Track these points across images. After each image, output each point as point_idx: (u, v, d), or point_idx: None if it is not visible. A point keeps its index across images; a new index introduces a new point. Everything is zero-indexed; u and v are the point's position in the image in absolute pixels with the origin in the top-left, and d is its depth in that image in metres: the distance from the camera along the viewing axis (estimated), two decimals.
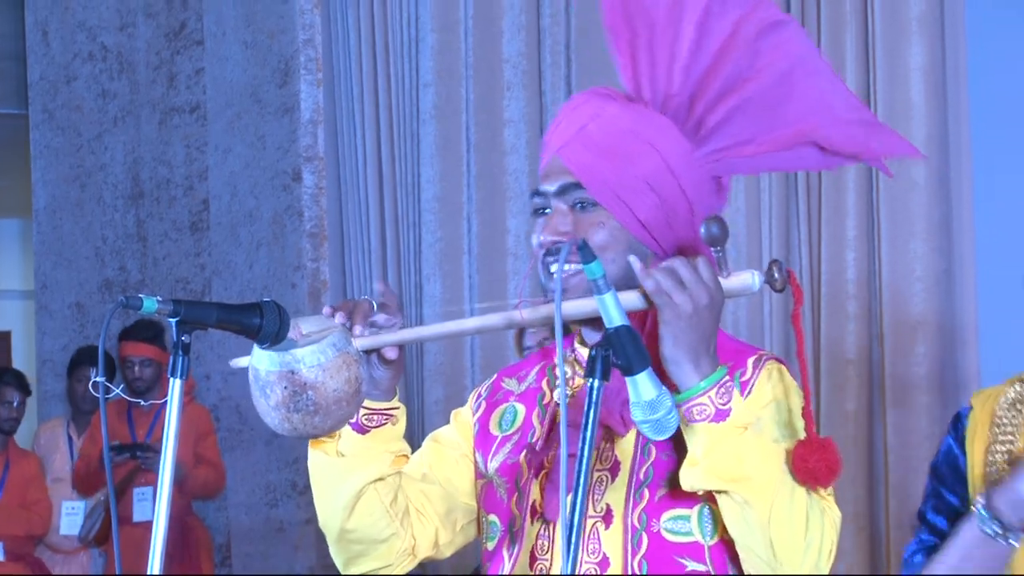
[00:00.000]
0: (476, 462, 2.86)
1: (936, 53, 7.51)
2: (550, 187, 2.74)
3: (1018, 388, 2.66)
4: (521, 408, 2.84)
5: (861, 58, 7.61)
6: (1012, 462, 2.54)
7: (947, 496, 2.63)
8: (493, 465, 2.81)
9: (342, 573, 2.90)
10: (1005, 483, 2.44)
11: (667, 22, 2.70)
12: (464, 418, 2.92)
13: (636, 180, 2.65)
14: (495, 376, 2.96)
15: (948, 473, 2.65)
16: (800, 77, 2.69)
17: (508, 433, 2.83)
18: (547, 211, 2.76)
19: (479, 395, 2.94)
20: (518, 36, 8.52)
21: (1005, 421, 2.61)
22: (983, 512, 2.45)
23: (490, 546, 2.79)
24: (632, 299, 2.48)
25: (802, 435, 2.57)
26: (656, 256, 2.67)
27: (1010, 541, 2.43)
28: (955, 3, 7.57)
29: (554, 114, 8.39)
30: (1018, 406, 2.63)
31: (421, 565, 2.99)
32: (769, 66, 2.69)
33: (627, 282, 2.53)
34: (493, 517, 2.79)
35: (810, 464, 2.50)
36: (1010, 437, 2.58)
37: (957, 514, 2.59)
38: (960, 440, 2.66)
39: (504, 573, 2.74)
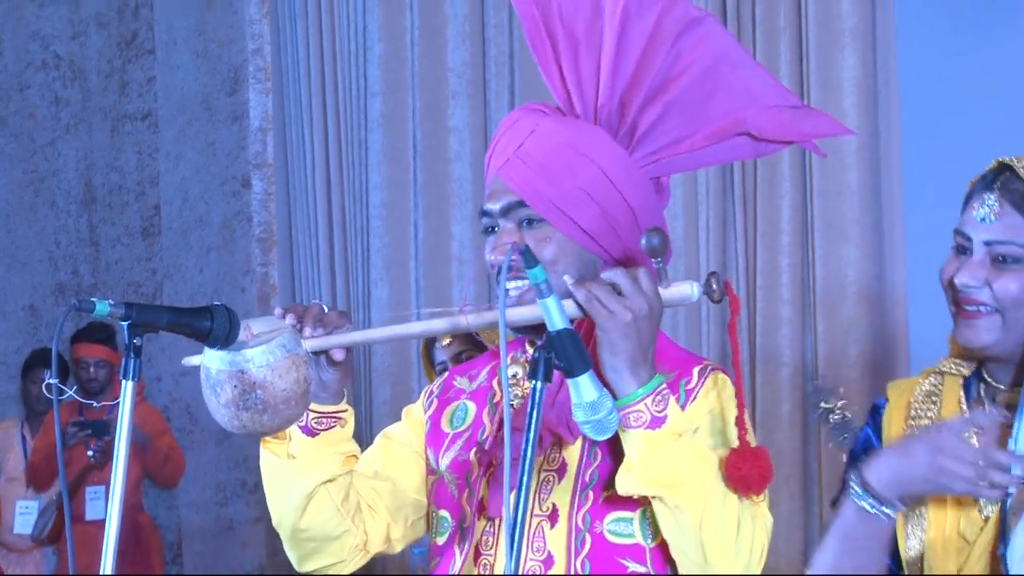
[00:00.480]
0: (427, 458, 2.86)
1: (868, 63, 7.54)
2: (495, 207, 2.74)
3: (932, 380, 2.67)
4: (472, 406, 2.85)
5: (795, 67, 7.64)
6: None
7: None
8: (444, 462, 2.81)
9: (296, 569, 2.90)
10: (874, 458, 2.46)
11: (588, 33, 2.70)
12: (416, 415, 2.92)
13: (576, 192, 2.65)
14: (447, 374, 2.95)
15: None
16: (724, 70, 2.70)
17: (459, 430, 2.83)
18: (495, 229, 2.74)
19: (431, 392, 2.94)
20: (463, 46, 8.54)
21: (920, 412, 2.63)
22: (858, 489, 2.44)
23: (440, 541, 2.80)
24: (573, 308, 2.48)
25: (736, 444, 2.58)
26: (605, 263, 2.67)
27: (886, 513, 2.42)
28: (887, 15, 7.61)
29: (498, 122, 8.41)
30: (932, 398, 2.64)
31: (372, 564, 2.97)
32: (692, 64, 2.69)
33: (564, 290, 2.52)
34: (444, 512, 2.79)
35: (743, 472, 2.52)
36: (925, 425, 2.58)
37: None
38: (877, 430, 2.67)
39: (455, 567, 2.74)
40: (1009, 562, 2.43)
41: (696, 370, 2.70)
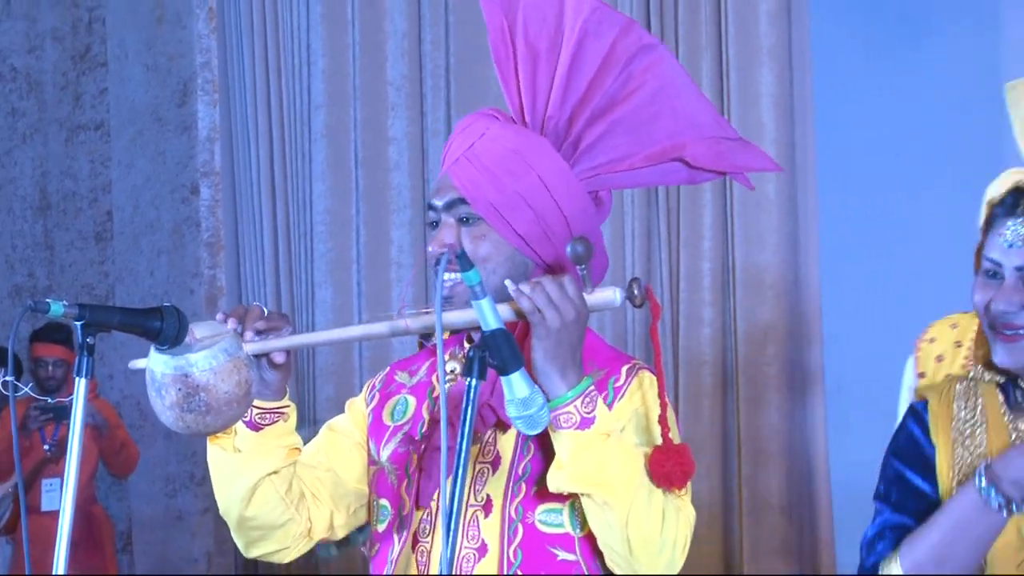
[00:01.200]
0: (369, 449, 2.86)
1: (785, 80, 7.57)
2: (439, 202, 2.75)
3: (964, 385, 2.66)
4: (412, 400, 2.85)
5: (716, 83, 7.66)
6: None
7: (912, 479, 2.61)
8: (385, 453, 2.81)
9: (244, 555, 2.90)
10: (1006, 455, 2.44)
11: (548, 48, 2.71)
12: (358, 408, 2.93)
13: (514, 196, 2.66)
14: (388, 369, 2.96)
15: (916, 461, 2.62)
16: (669, 97, 2.72)
17: (399, 423, 2.83)
18: (437, 224, 2.75)
19: (373, 387, 2.95)
20: (401, 61, 8.52)
21: (964, 419, 2.61)
22: (982, 480, 2.42)
23: (380, 528, 2.80)
24: (507, 312, 2.49)
25: (659, 441, 2.59)
26: (537, 267, 2.69)
27: (1008, 510, 2.42)
28: (802, 35, 7.64)
29: (434, 133, 8.43)
30: (973, 400, 2.62)
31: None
32: (640, 87, 2.70)
33: (500, 293, 2.54)
34: (384, 501, 2.80)
35: (666, 468, 2.53)
36: (975, 440, 2.57)
37: (923, 498, 2.58)
38: (925, 429, 2.64)
39: (394, 553, 2.75)
40: None
41: (624, 369, 2.71)
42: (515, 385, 2.40)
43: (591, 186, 2.74)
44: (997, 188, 2.61)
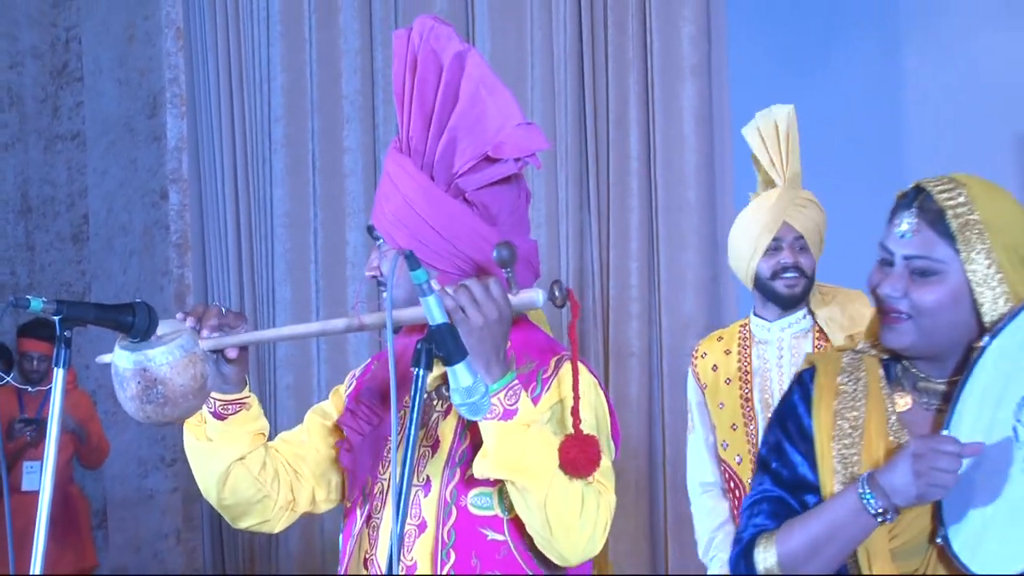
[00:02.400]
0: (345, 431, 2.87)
1: (705, 96, 7.59)
2: (368, 225, 2.83)
3: (850, 357, 2.65)
4: None
5: (642, 99, 7.68)
6: (888, 453, 2.52)
7: (788, 450, 2.60)
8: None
9: (233, 527, 2.91)
10: (883, 470, 2.42)
11: (408, 79, 2.72)
12: (340, 394, 2.95)
13: (392, 217, 2.71)
14: (369, 360, 2.96)
15: (794, 431, 2.61)
16: (482, 97, 2.70)
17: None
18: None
19: (353, 375, 2.96)
20: (355, 77, 8.51)
21: (846, 392, 2.60)
22: (865, 488, 2.41)
23: (349, 504, 2.81)
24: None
25: (572, 430, 2.59)
26: (443, 273, 2.69)
27: (881, 518, 2.41)
28: (720, 54, 7.67)
29: (385, 144, 8.40)
30: (856, 373, 2.62)
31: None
32: (460, 93, 2.70)
33: (412, 300, 2.54)
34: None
35: (572, 456, 2.53)
36: (854, 413, 2.56)
37: (794, 470, 2.57)
38: (807, 398, 2.62)
39: (356, 527, 2.77)
40: (952, 541, 2.42)
41: (553, 361, 2.71)
42: (459, 375, 2.40)
43: (455, 193, 2.72)
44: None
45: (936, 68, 8.47)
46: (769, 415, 4.10)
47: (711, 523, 4.33)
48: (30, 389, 7.37)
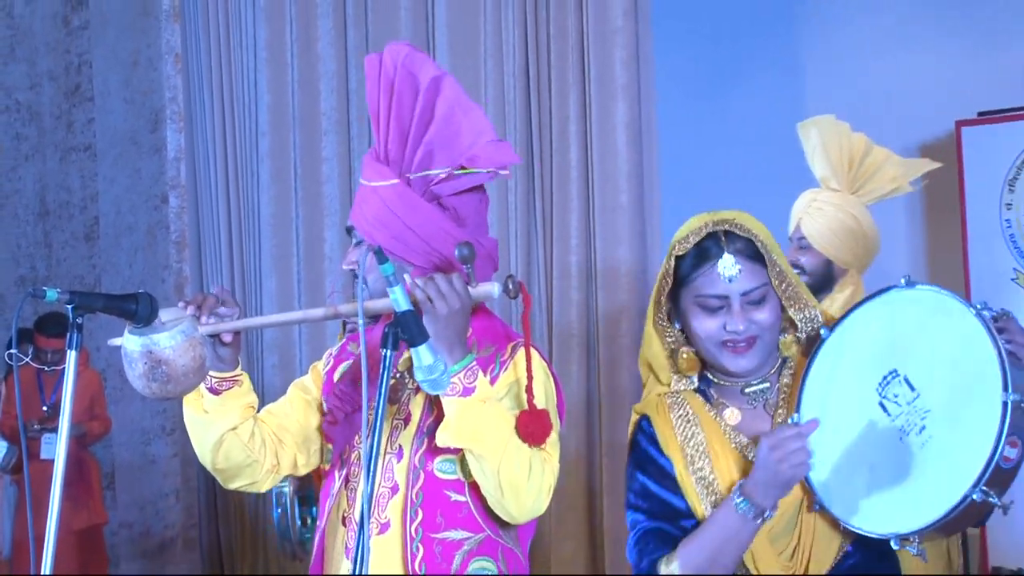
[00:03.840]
0: (322, 404, 2.86)
1: (635, 112, 7.61)
2: (347, 225, 2.82)
3: (672, 399, 2.63)
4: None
5: (581, 116, 7.69)
6: (742, 468, 2.53)
7: (656, 490, 2.57)
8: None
9: (224, 487, 2.91)
10: (750, 476, 2.42)
11: (385, 96, 2.71)
12: (318, 371, 2.95)
13: (372, 219, 2.70)
14: (344, 340, 2.96)
15: (654, 471, 2.59)
16: (457, 115, 2.70)
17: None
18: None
19: (330, 354, 2.95)
20: (332, 96, 8.52)
21: (682, 427, 2.59)
22: (738, 498, 2.42)
23: (326, 467, 2.82)
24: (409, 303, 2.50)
25: (527, 406, 2.61)
26: (416, 267, 2.69)
27: (759, 520, 2.42)
28: (648, 75, 7.68)
29: (359, 154, 8.41)
30: (687, 415, 2.60)
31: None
32: (436, 112, 2.69)
33: (385, 291, 2.53)
34: (330, 446, 2.81)
35: (529, 428, 2.56)
36: (696, 440, 2.56)
37: (667, 504, 2.56)
38: (656, 443, 2.60)
39: (335, 488, 2.76)
40: (831, 508, 2.43)
41: (509, 347, 2.72)
42: (422, 355, 2.42)
43: (430, 198, 2.72)
44: (682, 245, 2.57)
45: (833, 90, 8.51)
46: None
47: None
48: (47, 368, 7.33)
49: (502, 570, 2.69)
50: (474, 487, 2.64)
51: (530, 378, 2.61)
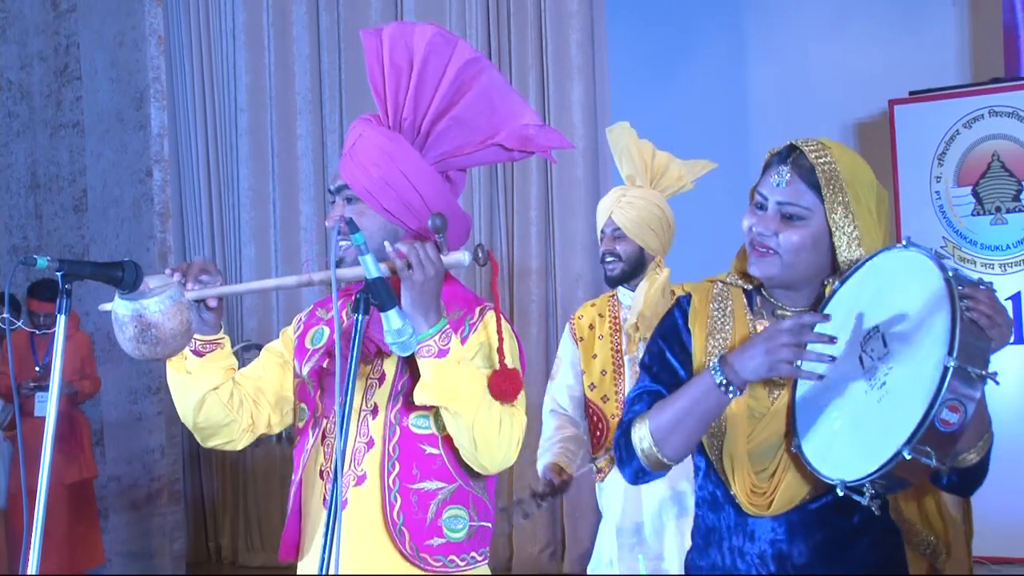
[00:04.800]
0: (294, 366, 2.84)
1: (590, 91, 7.62)
2: (332, 187, 2.77)
3: (720, 287, 2.62)
4: (326, 330, 2.84)
5: (539, 94, 7.71)
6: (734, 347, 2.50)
7: (670, 358, 2.57)
8: (305, 368, 2.80)
9: (202, 446, 2.89)
10: (740, 349, 2.39)
11: (405, 69, 2.68)
12: (288, 335, 2.92)
13: (380, 181, 2.66)
14: (312, 306, 2.94)
15: (675, 343, 2.58)
16: (490, 97, 2.70)
17: (317, 347, 2.82)
18: (333, 203, 2.76)
19: (300, 319, 2.93)
20: (306, 76, 8.54)
21: (717, 315, 2.57)
22: (717, 367, 2.38)
23: (300, 424, 2.81)
24: (384, 270, 2.48)
25: (497, 366, 2.61)
26: (407, 232, 2.68)
27: (729, 393, 2.37)
28: (602, 56, 7.70)
29: (331, 131, 8.39)
30: (725, 302, 2.59)
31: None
32: (469, 91, 2.68)
33: (380, 253, 2.54)
34: (303, 405, 2.80)
35: (501, 387, 2.57)
36: (723, 333, 2.55)
37: (674, 373, 2.55)
38: (684, 317, 2.59)
39: (309, 444, 2.75)
40: (804, 449, 2.41)
41: (478, 310, 2.72)
42: (391, 319, 2.40)
43: (441, 168, 2.72)
44: (776, 149, 2.57)
45: (773, 71, 8.53)
46: (631, 364, 4.15)
47: (553, 435, 4.35)
48: (38, 332, 7.28)
49: (473, 517, 2.70)
50: (447, 440, 2.64)
51: (500, 339, 2.62)
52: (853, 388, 2.37)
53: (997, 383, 2.27)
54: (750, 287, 2.61)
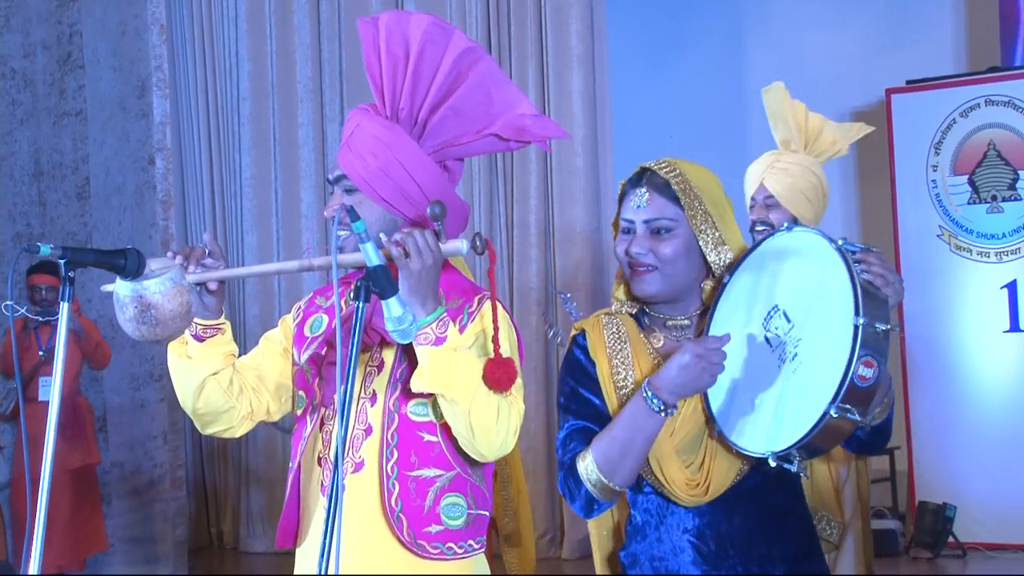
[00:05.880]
0: (293, 354, 2.84)
1: (589, 81, 7.62)
2: (330, 177, 2.77)
3: (608, 319, 2.71)
4: (325, 318, 2.82)
5: (539, 83, 7.71)
6: (655, 366, 2.60)
7: (584, 393, 2.66)
8: (304, 356, 2.79)
9: (201, 433, 2.88)
10: (660, 371, 2.51)
11: (401, 58, 2.68)
12: (287, 323, 2.89)
13: (377, 171, 2.64)
14: (311, 294, 2.93)
15: (583, 377, 2.68)
16: (486, 86, 2.69)
17: (316, 335, 2.80)
18: (332, 192, 2.76)
19: (299, 307, 2.91)
20: (307, 66, 8.55)
21: (612, 341, 2.67)
22: (647, 392, 2.49)
23: (298, 412, 2.79)
24: (383, 258, 2.48)
25: (493, 355, 2.61)
26: (406, 220, 2.68)
27: (664, 413, 2.49)
28: (602, 47, 7.70)
29: (331, 119, 8.40)
30: (619, 332, 2.68)
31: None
32: (465, 81, 2.67)
33: (378, 241, 2.53)
34: (301, 393, 2.78)
35: (496, 375, 2.55)
36: (623, 355, 2.64)
37: (593, 406, 2.64)
38: (585, 352, 2.69)
39: (307, 431, 2.74)
40: (726, 432, 2.52)
41: (476, 299, 2.70)
42: (391, 307, 2.40)
43: (438, 158, 2.71)
44: (627, 177, 2.71)
45: (771, 61, 8.53)
46: None
47: None
48: (40, 319, 7.27)
49: (471, 505, 2.69)
50: (445, 428, 2.63)
51: (496, 328, 2.59)
52: (765, 366, 2.50)
53: (897, 331, 2.43)
54: (635, 310, 2.73)
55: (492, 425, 2.55)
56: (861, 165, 8.32)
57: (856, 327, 2.34)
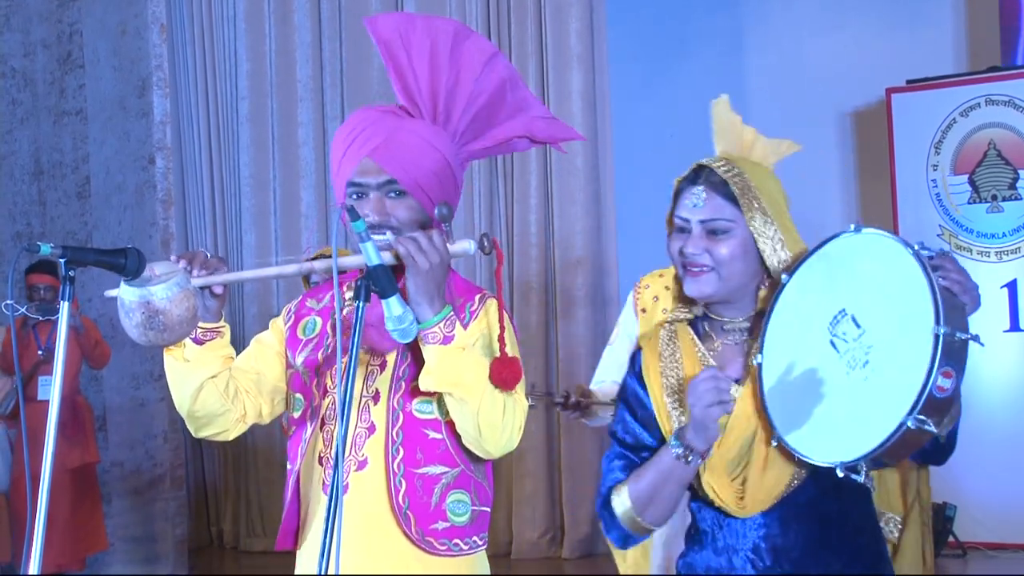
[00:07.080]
0: (286, 357, 2.83)
1: (589, 81, 7.62)
2: (371, 181, 2.66)
3: (667, 329, 2.67)
4: (319, 320, 2.82)
5: (539, 82, 7.71)
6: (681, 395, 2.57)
7: (632, 424, 2.63)
8: (299, 359, 2.78)
9: (194, 436, 2.87)
10: (688, 423, 2.46)
11: (430, 58, 2.69)
12: (278, 325, 2.89)
13: (429, 174, 2.65)
14: (300, 297, 2.93)
15: (635, 404, 2.64)
16: (506, 91, 2.72)
17: (310, 337, 2.80)
18: (364, 196, 2.67)
19: (289, 310, 2.91)
20: (307, 65, 8.55)
21: (667, 360, 2.63)
22: (675, 441, 2.46)
23: (296, 415, 2.78)
24: (389, 258, 2.48)
25: (498, 354, 2.61)
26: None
27: (691, 461, 2.46)
28: (601, 46, 7.70)
29: (332, 119, 8.37)
30: (672, 343, 2.64)
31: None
32: (488, 86, 2.70)
33: (389, 241, 2.55)
34: (299, 395, 2.77)
35: (502, 374, 2.56)
36: (675, 376, 2.60)
37: (638, 437, 2.62)
38: (638, 377, 2.65)
39: (307, 433, 2.74)
40: (788, 440, 2.45)
41: (477, 297, 2.71)
42: (392, 306, 2.40)
43: (467, 159, 2.75)
44: (683, 173, 2.67)
45: (771, 61, 8.52)
46: None
47: (608, 388, 4.30)
48: (40, 318, 7.25)
49: (474, 502, 2.71)
50: (449, 425, 2.64)
51: (502, 328, 2.61)
52: (831, 373, 2.41)
53: (982, 344, 2.33)
54: (691, 315, 2.68)
55: (499, 423, 2.57)
56: (861, 165, 8.32)
57: (937, 336, 2.26)
